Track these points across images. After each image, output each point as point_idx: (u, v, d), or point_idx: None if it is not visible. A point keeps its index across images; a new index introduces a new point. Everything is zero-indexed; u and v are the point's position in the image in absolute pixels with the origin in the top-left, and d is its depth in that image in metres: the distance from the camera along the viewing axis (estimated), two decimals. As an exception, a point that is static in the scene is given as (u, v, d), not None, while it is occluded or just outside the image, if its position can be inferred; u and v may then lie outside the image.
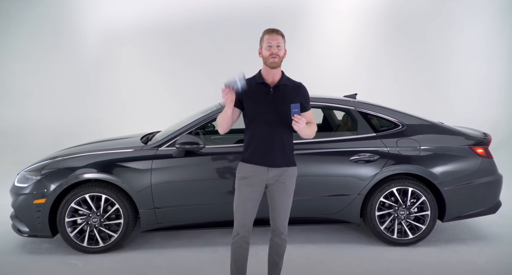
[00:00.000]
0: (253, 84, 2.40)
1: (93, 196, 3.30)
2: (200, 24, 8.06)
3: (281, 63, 2.37)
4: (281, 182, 2.39)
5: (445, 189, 3.40)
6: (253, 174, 2.37)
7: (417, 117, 3.66)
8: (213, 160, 3.38)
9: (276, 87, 2.38)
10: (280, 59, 2.35)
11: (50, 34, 7.96)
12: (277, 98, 2.36)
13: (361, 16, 8.08)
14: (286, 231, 2.46)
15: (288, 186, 2.41)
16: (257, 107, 2.36)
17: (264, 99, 2.36)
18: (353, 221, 3.49)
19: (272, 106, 2.35)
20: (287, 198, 2.42)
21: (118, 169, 3.31)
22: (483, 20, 8.04)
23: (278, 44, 2.33)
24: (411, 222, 3.45)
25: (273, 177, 2.37)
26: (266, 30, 2.40)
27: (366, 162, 3.39)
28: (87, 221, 3.33)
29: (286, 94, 2.37)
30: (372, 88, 7.78)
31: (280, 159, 2.37)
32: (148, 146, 3.46)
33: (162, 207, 3.35)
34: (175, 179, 3.34)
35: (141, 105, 8.17)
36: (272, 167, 2.36)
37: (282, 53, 2.35)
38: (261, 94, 2.37)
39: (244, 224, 2.42)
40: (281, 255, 2.51)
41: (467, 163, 3.46)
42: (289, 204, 2.44)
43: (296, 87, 2.44)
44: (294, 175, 2.45)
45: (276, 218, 2.43)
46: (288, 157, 2.41)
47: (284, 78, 2.43)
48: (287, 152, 2.40)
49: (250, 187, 2.37)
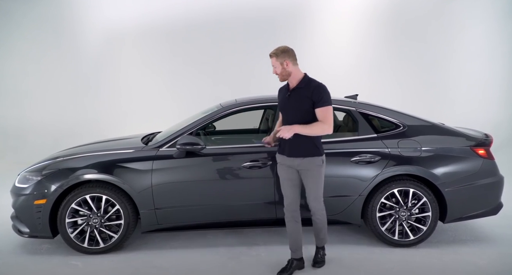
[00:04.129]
0: (283, 89, 3.01)
1: (94, 196, 3.30)
2: (201, 24, 8.04)
3: (288, 75, 2.84)
4: (304, 169, 2.85)
5: (446, 190, 3.39)
6: (283, 161, 2.94)
7: (418, 118, 3.65)
8: (214, 161, 3.38)
9: (293, 90, 2.86)
10: (281, 75, 2.85)
11: (51, 34, 7.96)
12: (292, 99, 2.85)
13: (362, 16, 8.07)
14: (318, 209, 2.96)
15: (312, 172, 2.84)
16: (281, 106, 2.99)
17: (285, 100, 2.91)
18: (354, 222, 3.49)
19: (290, 106, 2.87)
20: (312, 182, 2.87)
21: (118, 169, 3.30)
22: (484, 20, 8.03)
23: (273, 66, 2.85)
24: (412, 223, 3.44)
25: (298, 164, 2.85)
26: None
27: (367, 163, 3.38)
28: (87, 221, 3.32)
29: (299, 95, 2.82)
30: (373, 89, 7.76)
31: (295, 151, 2.83)
32: (149, 147, 3.46)
33: (162, 207, 3.35)
34: (176, 180, 3.34)
35: (142, 105, 8.15)
36: (290, 156, 2.86)
37: (278, 70, 2.84)
38: (284, 96, 2.94)
39: (289, 200, 2.97)
40: (319, 229, 3.05)
41: (469, 164, 3.45)
42: (315, 188, 2.88)
43: (310, 88, 2.80)
44: (317, 163, 2.84)
45: (308, 198, 2.95)
46: (302, 148, 2.81)
47: (302, 82, 2.84)
48: (304, 144, 2.80)
49: (285, 170, 2.95)
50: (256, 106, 3.69)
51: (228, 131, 4.73)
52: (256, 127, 4.76)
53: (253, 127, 4.82)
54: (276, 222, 3.48)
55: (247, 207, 3.43)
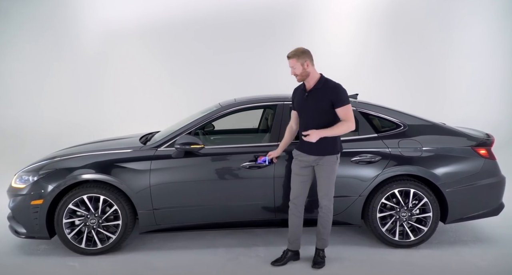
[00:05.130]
0: (299, 90, 3.10)
1: (91, 197, 3.26)
2: (200, 25, 7.99)
3: (307, 75, 2.94)
4: (320, 165, 2.97)
5: (447, 190, 3.36)
6: (299, 157, 3.05)
7: (419, 118, 3.62)
8: (212, 161, 3.35)
9: (310, 92, 2.96)
10: (300, 76, 2.94)
11: (49, 34, 7.89)
12: (310, 100, 2.95)
13: (362, 15, 8.03)
14: (326, 205, 3.02)
15: (326, 168, 2.96)
16: (298, 107, 3.05)
17: (302, 101, 3.00)
18: (354, 223, 3.46)
19: (307, 106, 2.96)
20: (324, 178, 2.98)
21: (116, 169, 3.27)
22: (486, 18, 7.98)
23: (292, 66, 2.94)
24: (413, 224, 3.41)
25: (314, 161, 2.99)
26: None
27: (367, 163, 3.35)
28: (85, 222, 3.29)
29: (318, 96, 2.92)
30: (374, 89, 7.69)
31: (313, 149, 2.95)
32: (147, 146, 3.43)
33: (161, 208, 3.32)
34: (174, 180, 3.31)
35: (141, 105, 8.09)
36: (308, 154, 2.98)
37: (298, 71, 2.93)
38: (301, 97, 3.02)
39: (296, 195, 3.07)
40: (324, 226, 3.07)
41: (470, 164, 3.42)
42: (327, 184, 2.99)
43: (328, 89, 2.91)
44: (333, 161, 2.97)
45: (318, 194, 3.04)
46: (321, 147, 2.93)
47: (319, 83, 2.94)
48: (321, 143, 2.89)
49: (298, 165, 3.06)
50: (255, 105, 3.66)
51: (227, 131, 4.70)
52: (256, 127, 4.73)
53: (252, 127, 4.79)
54: (276, 222, 3.45)
55: (247, 207, 3.40)
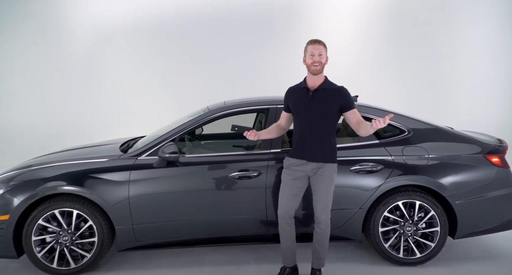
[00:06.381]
0: (297, 89, 2.81)
1: (64, 211, 2.96)
2: (195, 22, 7.73)
3: (323, 69, 2.71)
4: (319, 174, 2.69)
5: (457, 202, 3.06)
6: (294, 166, 2.75)
7: (424, 122, 3.33)
8: (198, 171, 3.06)
9: (316, 91, 2.71)
10: (322, 66, 2.69)
11: (37, 32, 7.65)
12: (315, 101, 2.69)
13: (362, 12, 7.76)
14: (324, 220, 2.71)
15: (326, 179, 2.69)
16: (298, 109, 2.75)
17: (304, 102, 2.72)
18: (354, 238, 3.17)
19: (311, 108, 2.69)
20: (324, 189, 2.69)
21: (91, 181, 2.97)
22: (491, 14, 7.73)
23: (320, 53, 2.67)
24: (418, 239, 3.12)
25: (312, 170, 2.70)
26: (309, 40, 2.75)
27: (368, 172, 3.06)
28: (57, 239, 2.98)
29: (325, 97, 2.69)
30: (375, 89, 7.43)
31: (316, 155, 2.69)
32: (126, 155, 3.12)
33: (141, 223, 3.02)
34: (156, 192, 3.01)
35: (133, 106, 7.85)
36: (309, 161, 2.69)
37: (324, 60, 2.70)
38: (302, 97, 2.74)
39: (285, 208, 2.76)
40: (321, 244, 2.76)
41: (481, 174, 3.12)
42: (326, 196, 2.70)
43: (335, 91, 2.71)
44: (333, 170, 2.72)
45: (315, 207, 2.73)
46: (325, 153, 2.69)
47: (325, 83, 2.73)
48: (324, 148, 2.69)
49: (291, 176, 2.75)
50: (246, 110, 3.34)
51: (218, 135, 4.42)
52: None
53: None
54: (268, 238, 3.16)
55: (236, 221, 3.10)
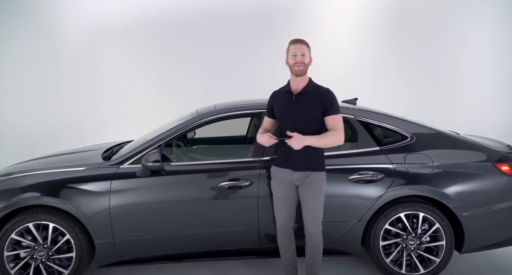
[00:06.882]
0: (281, 93, 2.64)
1: (39, 224, 2.75)
2: (192, 20, 7.54)
3: (307, 70, 2.54)
4: (306, 184, 2.50)
5: (464, 214, 2.84)
6: (281, 175, 2.58)
7: (428, 127, 3.11)
8: (185, 180, 2.85)
9: (299, 95, 2.53)
10: (305, 66, 2.51)
11: (29, 31, 7.45)
12: (299, 105, 2.51)
13: (362, 12, 7.55)
14: (315, 234, 2.53)
15: (314, 189, 2.50)
16: (282, 114, 2.58)
17: (287, 106, 2.54)
18: (353, 252, 2.96)
19: (295, 113, 2.51)
20: (313, 200, 2.51)
21: (67, 191, 2.75)
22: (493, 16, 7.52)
23: (303, 53, 2.50)
24: (422, 254, 2.90)
25: (299, 179, 2.51)
26: (291, 40, 2.57)
27: (368, 181, 2.85)
28: (32, 254, 2.77)
29: (309, 101, 2.50)
30: (375, 91, 7.22)
31: (302, 163, 2.50)
32: (107, 163, 2.91)
33: (123, 237, 2.80)
34: (139, 203, 2.80)
35: (128, 107, 7.65)
36: (294, 170, 2.51)
37: (307, 60, 2.52)
38: (285, 102, 2.56)
39: (282, 220, 2.60)
40: (314, 260, 2.59)
41: (490, 183, 2.89)
42: (316, 207, 2.51)
43: (319, 93, 2.52)
44: (322, 179, 2.53)
45: (304, 220, 2.55)
46: (311, 161, 2.50)
47: (309, 86, 2.55)
48: (311, 156, 2.49)
49: (280, 186, 2.58)
50: (237, 114, 3.12)
51: (211, 139, 4.21)
52: (244, 134, 4.25)
53: (240, 135, 4.33)
54: (261, 252, 2.96)
55: (226, 234, 2.89)
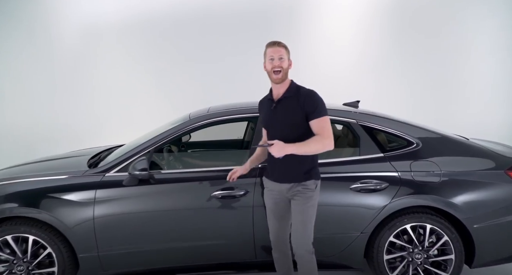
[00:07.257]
0: (265, 101, 2.48)
1: (18, 237, 2.58)
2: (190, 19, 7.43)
3: (287, 76, 2.33)
4: (294, 194, 2.33)
5: (475, 226, 2.65)
6: (271, 186, 2.43)
7: (435, 132, 2.92)
8: (175, 189, 2.68)
9: (279, 101, 2.36)
10: (284, 72, 2.30)
11: (24, 30, 7.37)
12: (279, 112, 2.34)
13: (364, 11, 7.40)
14: (302, 252, 2.28)
15: (302, 201, 2.30)
16: (265, 122, 2.45)
17: (269, 115, 2.40)
18: (355, 266, 2.78)
19: (275, 121, 2.36)
20: (299, 214, 2.30)
21: (48, 201, 2.58)
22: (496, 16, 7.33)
23: (281, 56, 2.29)
24: (429, 269, 2.71)
25: (288, 191, 2.34)
26: (268, 43, 2.36)
27: (371, 191, 2.67)
28: (10, 269, 2.60)
29: (289, 106, 2.31)
30: (378, 93, 7.05)
31: (287, 174, 2.33)
32: (92, 171, 2.73)
33: (108, 250, 2.63)
34: (126, 214, 2.62)
35: (125, 108, 7.54)
36: (280, 182, 2.35)
37: (285, 65, 2.30)
38: (267, 110, 2.42)
39: (276, 233, 2.46)
40: None
41: (502, 192, 2.70)
42: (303, 220, 2.29)
43: (300, 97, 2.30)
44: (310, 188, 2.31)
45: (291, 238, 2.35)
46: (298, 171, 2.31)
47: (290, 90, 2.34)
48: (296, 166, 2.31)
49: (271, 197, 2.44)
50: (231, 118, 2.96)
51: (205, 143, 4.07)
52: (241, 138, 4.11)
53: (237, 138, 4.18)
54: (256, 265, 2.79)
55: (219, 247, 2.72)
